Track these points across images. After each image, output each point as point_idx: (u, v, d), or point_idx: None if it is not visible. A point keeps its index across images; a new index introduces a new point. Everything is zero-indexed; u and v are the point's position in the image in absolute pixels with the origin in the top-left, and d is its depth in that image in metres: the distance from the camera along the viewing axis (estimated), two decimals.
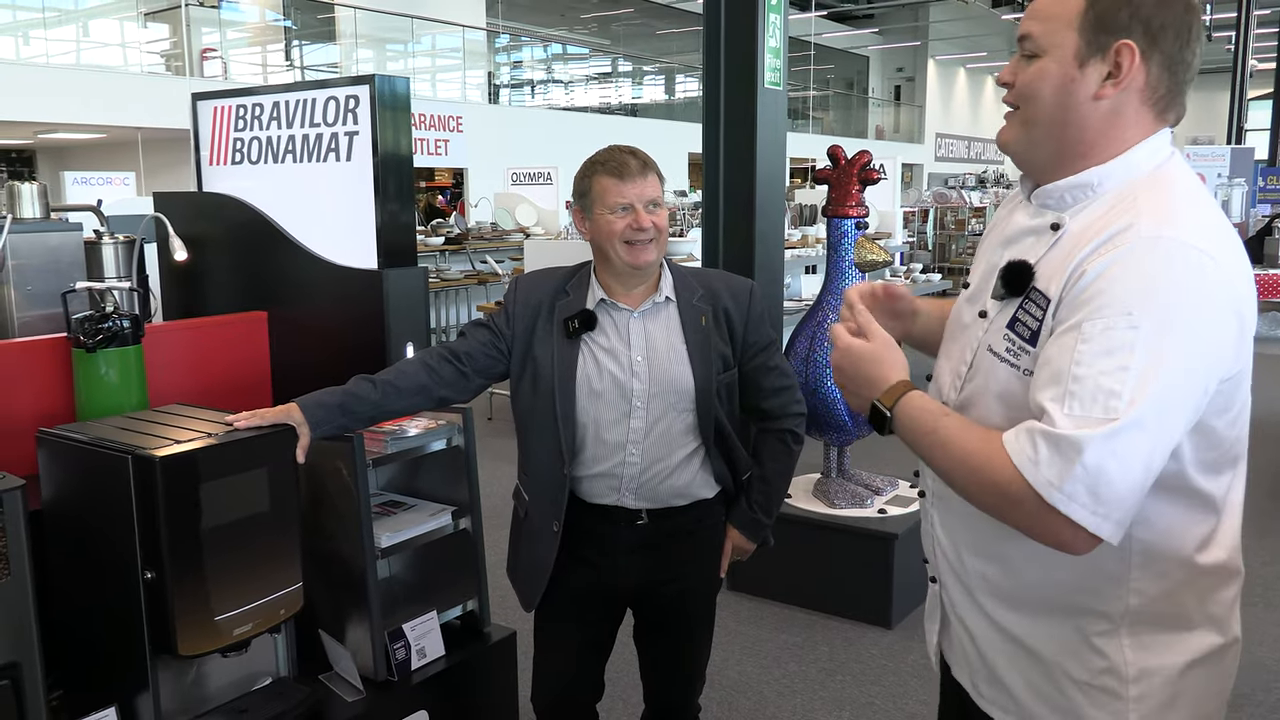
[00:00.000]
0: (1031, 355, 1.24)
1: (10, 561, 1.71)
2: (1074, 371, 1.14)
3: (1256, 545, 4.44)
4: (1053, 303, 1.21)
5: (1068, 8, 1.24)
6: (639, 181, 1.97)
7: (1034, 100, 1.27)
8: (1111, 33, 1.21)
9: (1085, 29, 1.22)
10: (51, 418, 2.26)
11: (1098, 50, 1.22)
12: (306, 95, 2.74)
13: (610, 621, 2.23)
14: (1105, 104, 1.24)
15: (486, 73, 18.20)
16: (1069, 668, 1.31)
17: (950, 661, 1.53)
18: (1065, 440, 1.12)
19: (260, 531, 1.96)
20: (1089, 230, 1.22)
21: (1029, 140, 1.30)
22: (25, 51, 13.01)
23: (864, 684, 3.36)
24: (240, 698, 2.15)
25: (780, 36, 4.13)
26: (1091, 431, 1.11)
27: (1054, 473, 1.12)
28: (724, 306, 2.08)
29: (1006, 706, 1.39)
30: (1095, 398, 1.12)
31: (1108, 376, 1.12)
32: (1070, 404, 1.13)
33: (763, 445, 2.18)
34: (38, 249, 2.68)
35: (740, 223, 4.15)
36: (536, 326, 2.04)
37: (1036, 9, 1.28)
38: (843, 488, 4.04)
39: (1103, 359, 1.13)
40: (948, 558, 1.45)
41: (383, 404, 2.01)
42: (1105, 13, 1.21)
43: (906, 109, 29.99)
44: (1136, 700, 1.28)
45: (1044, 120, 1.27)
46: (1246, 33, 16.82)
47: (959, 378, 1.37)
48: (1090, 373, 1.13)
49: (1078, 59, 1.23)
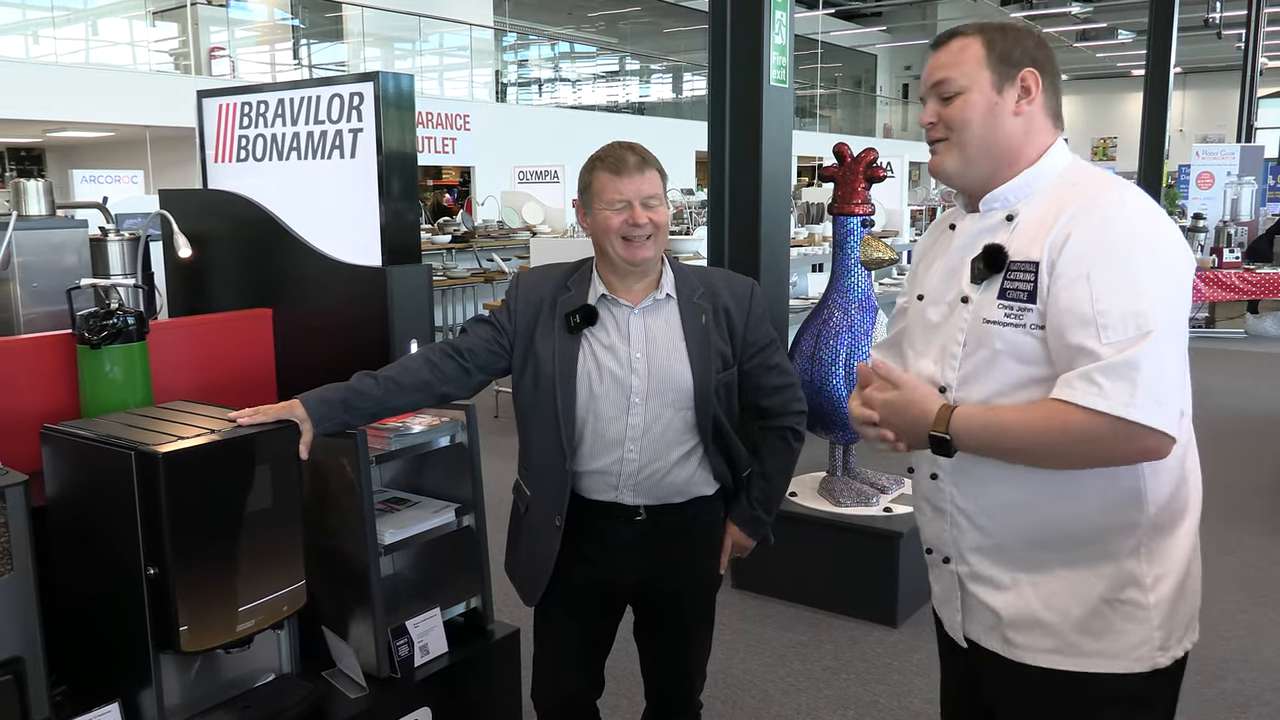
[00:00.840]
0: (1034, 310, 1.44)
1: (14, 557, 1.72)
2: (1097, 309, 1.37)
3: (1267, 544, 4.41)
4: (1042, 263, 1.43)
5: (972, 53, 1.53)
6: (636, 178, 1.97)
7: (966, 126, 1.53)
8: (1015, 65, 1.52)
9: (994, 65, 1.52)
10: (56, 414, 2.26)
11: (1008, 79, 1.52)
12: (311, 92, 2.74)
13: (610, 618, 2.22)
14: (1021, 119, 1.53)
15: (494, 71, 18.21)
16: (1101, 589, 1.49)
17: (975, 636, 1.63)
18: (1120, 364, 1.33)
19: (263, 528, 1.96)
20: (1046, 212, 1.48)
21: (965, 161, 1.55)
22: (34, 50, 13.06)
23: (869, 683, 3.35)
24: (243, 694, 2.15)
25: (786, 34, 4.12)
26: (1136, 349, 1.33)
27: (1124, 394, 1.32)
28: (724, 305, 2.08)
29: (1047, 646, 1.53)
30: (1125, 321, 1.35)
31: (1126, 301, 1.36)
32: (1105, 334, 1.35)
33: (763, 442, 2.18)
34: (43, 246, 2.70)
35: (746, 221, 4.14)
36: (538, 322, 2.04)
37: (943, 61, 1.55)
38: (848, 486, 4.03)
39: (1117, 292, 1.36)
40: (974, 524, 1.58)
41: (385, 400, 2.01)
42: (1005, 52, 1.52)
43: (915, 107, 29.90)
44: (1155, 607, 1.49)
45: (976, 141, 1.53)
46: (1256, 31, 16.73)
47: (953, 358, 1.54)
48: (1111, 305, 1.36)
49: (995, 87, 1.52)
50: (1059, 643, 1.52)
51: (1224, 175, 12.96)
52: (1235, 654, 3.48)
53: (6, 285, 2.63)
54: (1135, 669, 1.50)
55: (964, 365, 1.53)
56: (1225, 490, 5.09)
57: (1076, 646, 1.51)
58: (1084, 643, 1.50)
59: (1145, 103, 11.57)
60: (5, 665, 1.74)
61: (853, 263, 3.91)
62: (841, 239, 3.93)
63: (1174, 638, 1.51)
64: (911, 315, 1.69)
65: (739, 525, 2.17)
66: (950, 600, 1.66)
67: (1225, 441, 6.05)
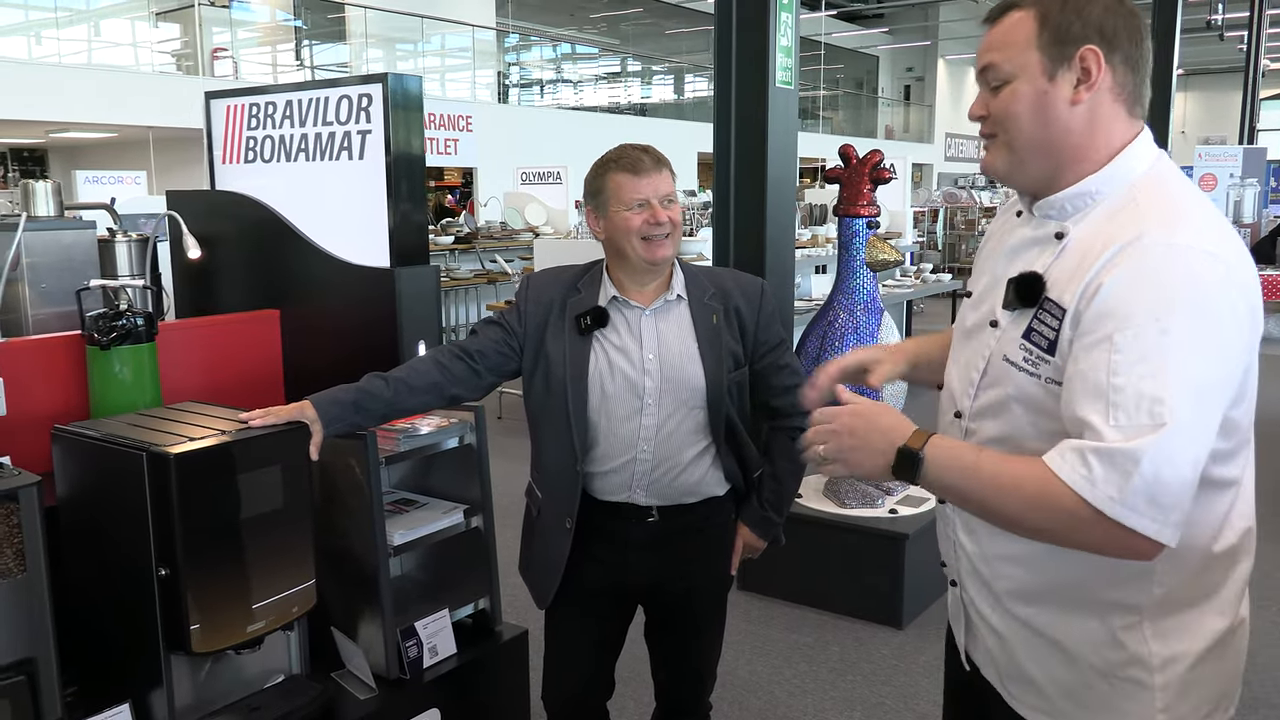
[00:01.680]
0: (1051, 364, 1.26)
1: (27, 558, 1.72)
2: (1113, 382, 1.16)
3: (1272, 549, 4.41)
4: (1069, 313, 1.24)
5: (1022, 32, 1.29)
6: (654, 177, 1.98)
7: (1013, 122, 1.31)
8: (1071, 43, 1.27)
9: (1045, 46, 1.28)
10: (66, 415, 2.27)
11: (1063, 61, 1.27)
12: (319, 94, 2.74)
13: (621, 619, 2.23)
14: (1081, 108, 1.28)
15: (496, 72, 18.21)
16: (1095, 661, 1.33)
17: (978, 663, 1.53)
18: (1119, 453, 1.14)
19: (273, 529, 1.96)
20: (1096, 238, 1.25)
21: (1016, 161, 1.33)
22: (37, 51, 13.07)
23: (875, 684, 3.35)
24: (253, 695, 2.15)
25: (792, 36, 4.12)
26: (1143, 440, 1.13)
27: (1113, 488, 1.14)
28: (735, 305, 2.08)
29: (1036, 705, 1.41)
30: (1139, 405, 1.14)
31: (1147, 382, 1.15)
32: (1115, 415, 1.15)
33: (774, 443, 2.18)
34: (52, 247, 2.70)
35: (751, 223, 4.14)
36: (548, 324, 2.05)
37: (991, 42, 1.33)
38: (853, 487, 4.03)
39: (1139, 366, 1.15)
40: (971, 560, 1.46)
41: (395, 402, 2.02)
42: (1060, 27, 1.27)
43: (916, 108, 29.91)
44: (1162, 689, 1.31)
45: (1026, 138, 1.31)
46: (1259, 32, 16.74)
47: (971, 385, 1.39)
48: (1129, 381, 1.15)
49: (1046, 74, 1.28)
50: (1048, 705, 1.39)
51: (1226, 177, 12.97)
52: (1247, 658, 3.47)
53: (15, 286, 2.64)
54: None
55: (980, 397, 1.38)
56: None
57: (1066, 715, 1.37)
58: (1076, 713, 1.36)
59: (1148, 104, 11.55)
60: (19, 666, 1.74)
61: (858, 265, 3.92)
62: (847, 241, 3.93)
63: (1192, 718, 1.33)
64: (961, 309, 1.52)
65: (750, 526, 2.17)
66: (958, 620, 1.57)
67: None
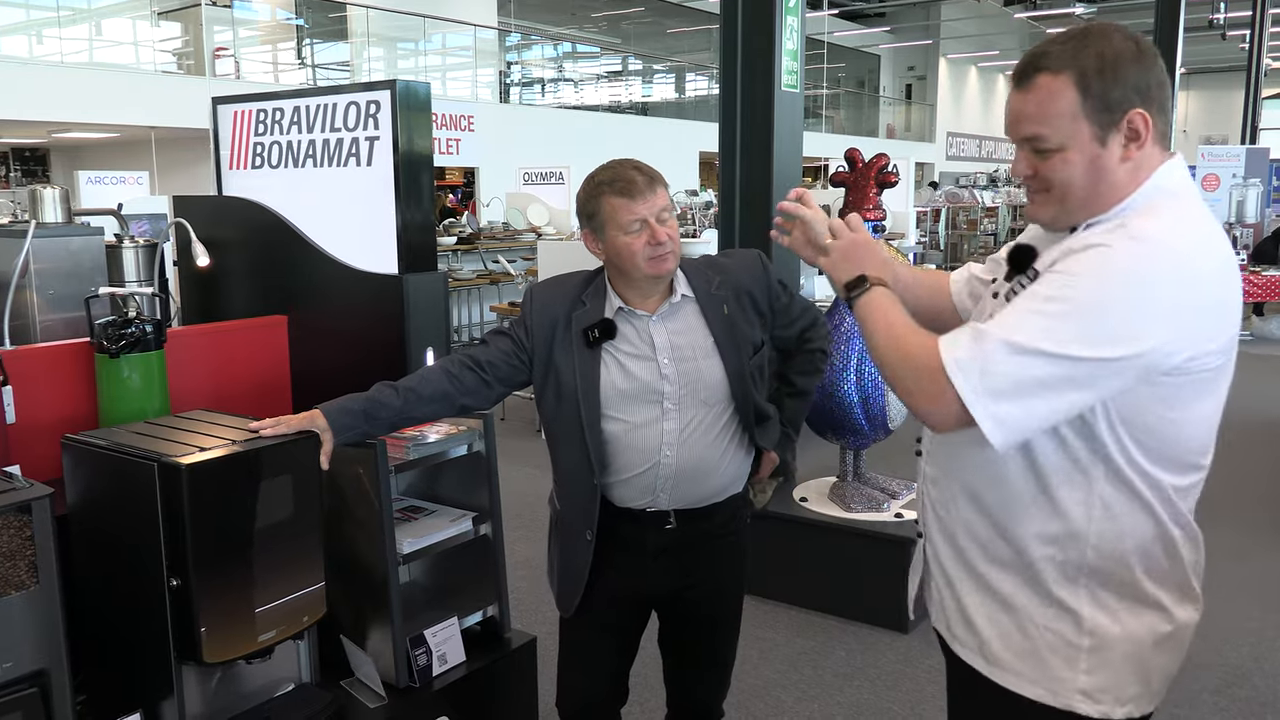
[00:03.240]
0: None
1: (39, 571, 1.72)
2: (1015, 304, 1.32)
3: (1278, 552, 4.42)
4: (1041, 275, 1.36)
5: (1065, 103, 1.33)
6: (650, 197, 1.95)
7: (1069, 185, 1.36)
8: (1118, 109, 1.32)
9: (1092, 114, 1.32)
10: (74, 422, 2.27)
11: (1111, 126, 1.33)
12: (327, 100, 2.74)
13: (636, 626, 2.23)
14: (1129, 163, 1.35)
15: (498, 71, 18.20)
16: (1033, 613, 1.44)
17: (930, 611, 1.65)
18: (983, 331, 1.30)
19: (284, 538, 1.96)
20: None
21: (1066, 212, 1.40)
22: (39, 50, 13.05)
23: (880, 689, 3.35)
24: (263, 704, 2.15)
25: (797, 39, 4.12)
26: (1004, 334, 1.28)
27: (962, 351, 1.30)
28: (746, 289, 2.08)
29: (973, 647, 1.52)
30: (1021, 321, 1.28)
31: (1034, 311, 1.28)
32: (1002, 318, 1.31)
33: (795, 364, 2.23)
34: (60, 253, 2.70)
35: (758, 224, 4.15)
36: (555, 338, 2.04)
37: (1029, 112, 1.36)
38: (859, 491, 4.02)
39: (1038, 298, 1.29)
40: (935, 509, 1.57)
41: (405, 411, 2.01)
42: (1103, 95, 1.32)
43: (918, 108, 29.90)
44: (1089, 651, 1.41)
45: (1081, 195, 1.37)
46: (1261, 32, 16.73)
47: None
48: (1024, 305, 1.30)
49: (1098, 140, 1.33)
50: (985, 654, 1.50)
51: (1229, 178, 12.94)
52: (1249, 660, 3.48)
53: (24, 293, 2.64)
54: (1049, 702, 1.43)
55: None
56: (1233, 496, 5.09)
57: (1000, 661, 1.48)
58: (1009, 659, 1.47)
59: None
60: (31, 678, 1.74)
61: None
62: None
63: (1109, 695, 1.41)
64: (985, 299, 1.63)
65: (772, 447, 2.18)
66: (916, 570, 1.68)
67: (1231, 446, 6.00)
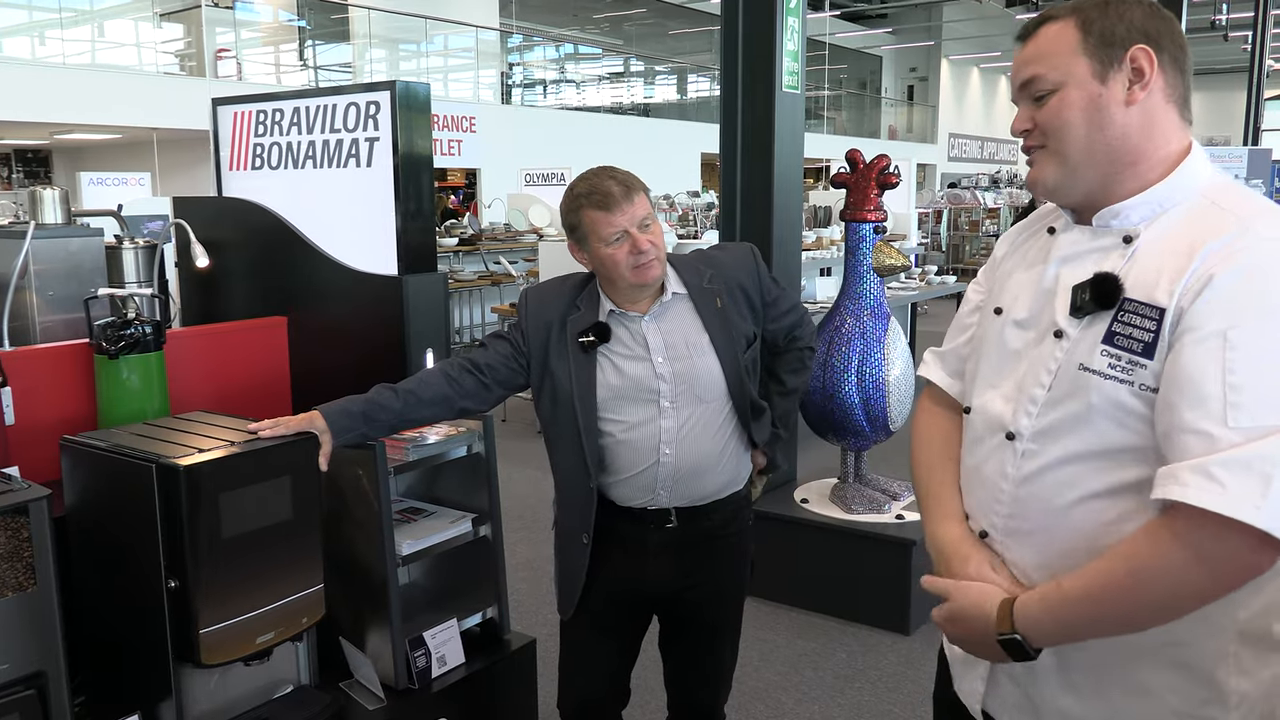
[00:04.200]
0: (1148, 369, 1.18)
1: (37, 572, 1.72)
2: (1230, 381, 1.09)
3: None
4: (1169, 310, 1.16)
5: (1066, 41, 1.25)
6: (627, 208, 1.94)
7: (1065, 129, 1.25)
8: (1119, 45, 1.23)
9: (1093, 50, 1.24)
10: (73, 423, 2.26)
11: (1113, 63, 1.23)
12: (327, 101, 2.74)
13: (637, 626, 2.22)
14: (1136, 109, 1.24)
15: (499, 73, 18.20)
16: (1173, 702, 1.25)
17: (997, 714, 1.42)
18: (1247, 457, 1.06)
19: (283, 540, 1.96)
20: (1179, 239, 1.20)
21: (1068, 171, 1.27)
22: (41, 52, 13.06)
23: (881, 691, 3.34)
24: (262, 705, 2.15)
25: (799, 40, 4.12)
26: (1273, 440, 1.06)
27: (1252, 495, 1.05)
28: (738, 283, 2.09)
29: None
30: (1265, 402, 1.08)
31: (1272, 377, 1.08)
32: (1236, 416, 1.08)
33: (784, 363, 2.24)
34: (59, 254, 2.70)
35: (759, 227, 4.14)
36: (550, 343, 2.04)
37: (1029, 55, 1.28)
38: (860, 493, 4.02)
39: (1262, 361, 1.09)
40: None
41: (405, 413, 2.02)
42: (1105, 32, 1.23)
43: (920, 109, 29.88)
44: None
45: (1081, 145, 1.25)
46: (1263, 32, 16.69)
47: (1033, 403, 1.29)
48: (1250, 379, 1.08)
49: (1097, 77, 1.24)
50: None
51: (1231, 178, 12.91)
52: None
53: (23, 294, 2.63)
54: None
55: (1045, 414, 1.27)
56: None
57: None
58: None
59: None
60: (29, 680, 1.73)
61: (865, 269, 3.90)
62: (854, 246, 3.92)
63: None
64: (986, 331, 1.42)
65: (764, 446, 2.18)
66: (973, 665, 1.43)
67: None
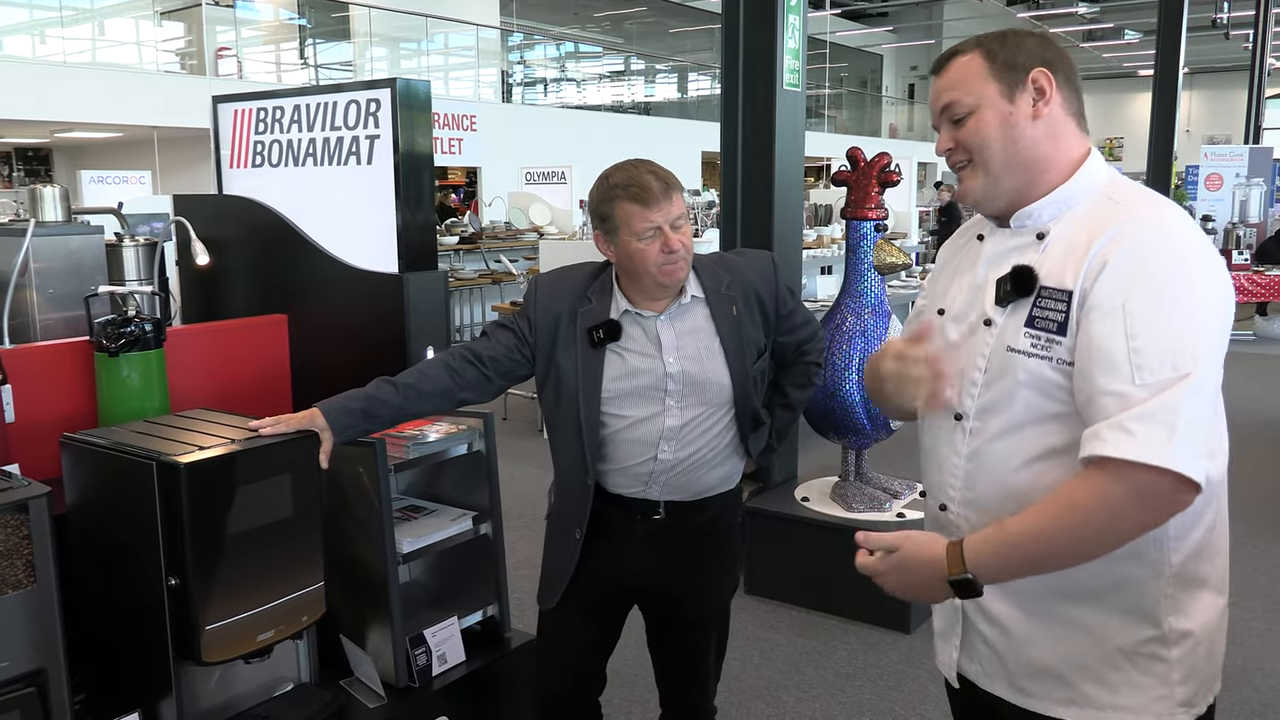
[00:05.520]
0: (1063, 345, 1.35)
1: (37, 570, 1.71)
2: (1133, 346, 1.27)
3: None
4: (1076, 293, 1.34)
5: (975, 69, 1.44)
6: (665, 204, 1.92)
7: (986, 145, 1.43)
8: (1021, 69, 1.42)
9: (1000, 75, 1.42)
10: (74, 421, 2.26)
11: (1018, 84, 1.42)
12: (327, 99, 2.74)
13: (616, 620, 2.21)
14: (1042, 122, 1.42)
15: (500, 71, 18.19)
16: (1119, 640, 1.40)
17: (974, 676, 1.55)
18: (1155, 409, 1.24)
19: (283, 538, 1.96)
20: (1080, 231, 1.38)
21: (992, 180, 1.44)
22: (41, 50, 13.06)
23: (882, 689, 3.34)
24: (262, 703, 2.15)
25: (799, 38, 4.11)
26: (1174, 390, 1.23)
27: (1159, 441, 1.22)
28: (755, 291, 2.07)
29: (1056, 695, 1.45)
30: (1162, 359, 1.25)
31: (1165, 338, 1.26)
32: (1140, 374, 1.25)
33: (790, 375, 2.21)
34: (59, 252, 2.70)
35: (760, 225, 4.14)
36: (558, 334, 2.02)
37: (947, 84, 1.47)
38: (860, 491, 4.02)
39: (1155, 324, 1.27)
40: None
41: (405, 407, 2.01)
42: (1008, 59, 1.43)
43: (920, 107, 29.85)
44: (1178, 661, 1.40)
45: (1001, 157, 1.43)
46: (1264, 31, 16.68)
47: (973, 384, 1.46)
48: (1148, 341, 1.26)
49: (1006, 97, 1.42)
50: (1072, 693, 1.44)
51: (1232, 177, 12.92)
52: (1252, 662, 3.46)
53: (23, 291, 2.63)
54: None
55: (984, 394, 1.44)
56: (1236, 496, 5.06)
57: (1091, 699, 1.42)
58: (1099, 695, 1.42)
59: (1154, 103, 11.56)
60: (29, 678, 1.73)
61: (866, 267, 3.90)
62: (855, 244, 3.91)
63: (1199, 695, 1.42)
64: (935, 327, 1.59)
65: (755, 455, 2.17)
66: (950, 635, 1.58)
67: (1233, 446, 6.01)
